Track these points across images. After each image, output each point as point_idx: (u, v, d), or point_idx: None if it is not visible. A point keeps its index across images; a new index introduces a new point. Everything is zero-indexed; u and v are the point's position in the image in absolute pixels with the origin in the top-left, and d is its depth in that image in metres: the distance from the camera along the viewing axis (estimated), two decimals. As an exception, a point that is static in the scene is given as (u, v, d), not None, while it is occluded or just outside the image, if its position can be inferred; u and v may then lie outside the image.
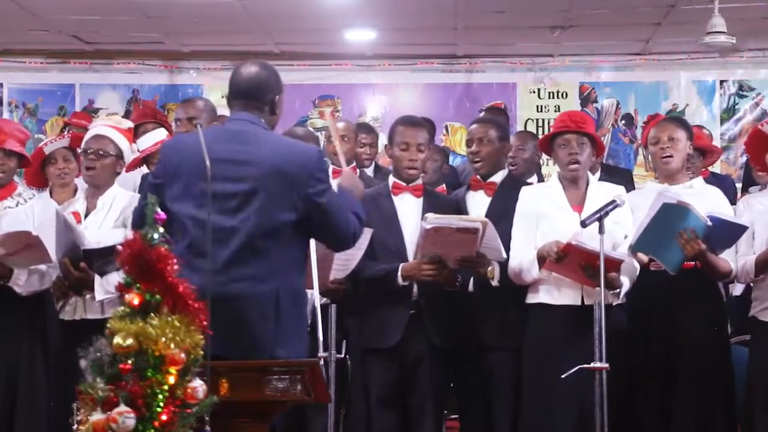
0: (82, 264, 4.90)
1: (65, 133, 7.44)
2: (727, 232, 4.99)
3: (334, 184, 6.19)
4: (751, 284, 5.28)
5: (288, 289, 3.91)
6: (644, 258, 5.05)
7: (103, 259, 4.86)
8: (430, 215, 4.97)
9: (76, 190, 5.77)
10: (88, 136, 5.26)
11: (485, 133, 5.44)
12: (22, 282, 5.05)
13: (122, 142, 5.22)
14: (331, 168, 6.24)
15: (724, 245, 5.04)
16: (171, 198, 3.90)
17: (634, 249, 5.01)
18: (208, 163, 3.51)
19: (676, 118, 5.62)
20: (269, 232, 3.86)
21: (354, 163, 6.58)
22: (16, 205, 5.23)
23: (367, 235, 4.86)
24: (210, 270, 3.48)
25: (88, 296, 4.99)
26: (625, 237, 5.03)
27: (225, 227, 3.82)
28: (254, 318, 3.82)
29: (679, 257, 4.96)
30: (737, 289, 5.93)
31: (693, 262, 5.03)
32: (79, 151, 5.32)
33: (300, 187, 3.89)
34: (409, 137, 5.29)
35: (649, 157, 5.63)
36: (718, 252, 5.05)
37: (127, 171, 6.28)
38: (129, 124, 5.61)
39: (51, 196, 5.88)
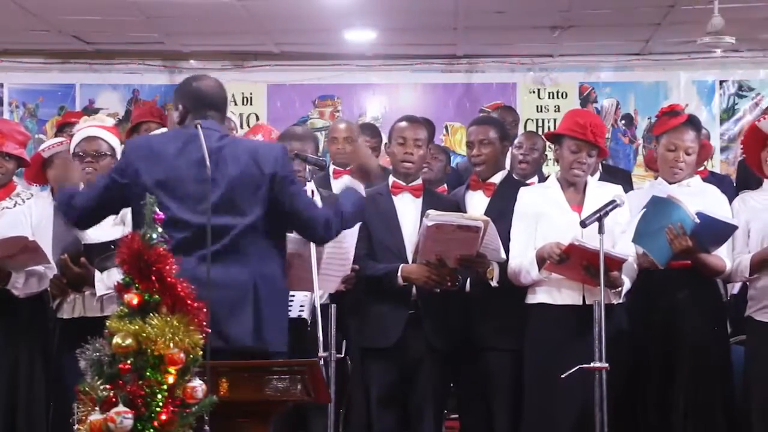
0: (82, 259, 4.90)
1: (64, 132, 7.43)
2: (716, 231, 4.97)
3: (337, 185, 6.23)
4: (747, 284, 5.27)
5: (266, 280, 4.05)
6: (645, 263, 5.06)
7: (103, 254, 4.86)
8: (432, 212, 4.97)
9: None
10: (78, 138, 5.22)
11: (485, 135, 5.43)
12: (20, 285, 5.04)
13: (113, 140, 5.24)
14: (332, 168, 6.28)
15: (714, 243, 5.03)
16: (138, 198, 3.78)
17: (632, 241, 5.02)
18: (208, 163, 3.58)
19: (695, 124, 5.37)
20: (242, 231, 4.01)
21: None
22: (14, 206, 5.22)
23: (354, 229, 4.88)
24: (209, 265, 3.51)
25: (87, 293, 4.99)
26: (623, 232, 5.02)
27: (200, 227, 3.89)
28: (231, 310, 3.92)
29: (667, 252, 4.96)
30: (735, 289, 5.93)
31: (685, 260, 5.03)
32: (72, 154, 5.30)
33: (266, 185, 4.08)
34: (407, 133, 5.32)
35: (655, 152, 5.52)
36: (711, 250, 5.05)
37: None
38: (111, 120, 5.65)
39: (52, 194, 5.89)
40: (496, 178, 5.45)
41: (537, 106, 10.21)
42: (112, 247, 4.58)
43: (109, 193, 4.21)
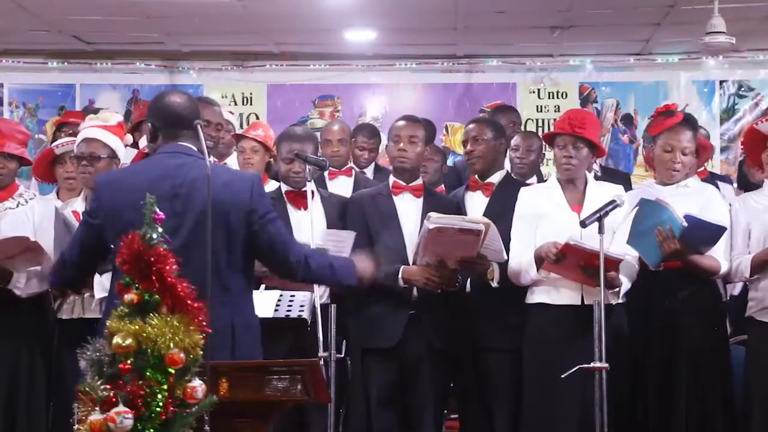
0: None
1: (63, 132, 7.43)
2: (704, 233, 4.97)
3: (332, 186, 6.24)
4: (748, 284, 5.27)
5: (243, 320, 3.96)
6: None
7: None
8: (433, 215, 4.97)
9: (82, 190, 5.78)
10: (78, 139, 5.22)
11: (480, 132, 5.45)
12: (21, 284, 5.04)
13: (113, 141, 5.20)
14: (327, 171, 6.27)
15: (704, 245, 5.04)
16: (115, 236, 3.62)
17: (627, 242, 5.03)
18: (209, 173, 3.55)
19: (691, 124, 5.36)
20: (217, 265, 3.82)
21: (350, 164, 6.59)
22: (17, 206, 5.22)
23: (349, 239, 4.89)
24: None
25: (86, 295, 4.99)
26: (613, 231, 5.02)
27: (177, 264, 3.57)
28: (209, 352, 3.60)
29: (657, 253, 4.97)
30: (736, 289, 5.93)
31: (676, 262, 5.03)
32: (71, 155, 5.29)
33: (241, 216, 3.94)
34: (402, 131, 5.34)
35: (652, 153, 5.52)
36: (703, 251, 5.05)
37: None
38: (118, 117, 5.46)
39: (58, 194, 5.89)
40: (495, 178, 5.45)
41: (537, 106, 10.22)
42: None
43: (87, 236, 4.04)
